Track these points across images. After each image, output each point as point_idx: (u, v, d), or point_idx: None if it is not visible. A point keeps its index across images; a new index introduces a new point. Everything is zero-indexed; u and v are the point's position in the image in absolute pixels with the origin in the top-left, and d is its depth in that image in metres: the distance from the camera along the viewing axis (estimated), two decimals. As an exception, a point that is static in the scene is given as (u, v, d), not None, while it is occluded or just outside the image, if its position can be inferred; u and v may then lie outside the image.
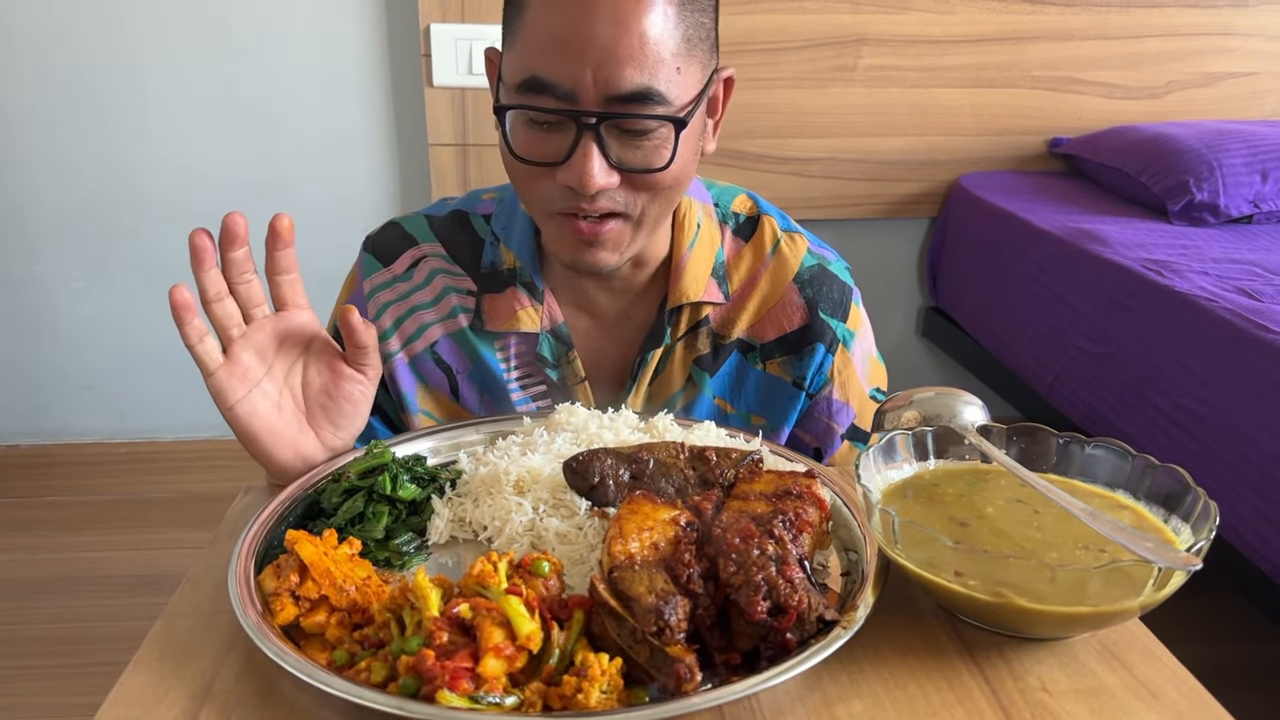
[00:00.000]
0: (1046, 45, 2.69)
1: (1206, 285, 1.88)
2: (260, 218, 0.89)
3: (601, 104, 0.89)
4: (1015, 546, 0.75)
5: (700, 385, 1.13)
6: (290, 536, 0.76)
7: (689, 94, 0.93)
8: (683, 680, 0.63)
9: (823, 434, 1.16)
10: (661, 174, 0.93)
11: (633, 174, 0.93)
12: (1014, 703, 0.67)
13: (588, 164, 0.89)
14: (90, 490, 2.67)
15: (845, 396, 1.15)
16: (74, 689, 1.94)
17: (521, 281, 1.10)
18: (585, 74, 0.87)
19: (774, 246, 1.13)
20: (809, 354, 1.12)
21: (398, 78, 2.52)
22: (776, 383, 1.14)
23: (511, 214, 1.12)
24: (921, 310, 2.98)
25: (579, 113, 0.89)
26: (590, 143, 0.89)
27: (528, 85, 0.90)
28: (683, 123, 0.92)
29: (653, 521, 0.76)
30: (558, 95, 0.89)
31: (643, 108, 0.89)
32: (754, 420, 1.15)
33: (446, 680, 0.62)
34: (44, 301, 2.67)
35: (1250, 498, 1.60)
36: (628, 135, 0.91)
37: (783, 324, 1.12)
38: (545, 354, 1.11)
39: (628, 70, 0.87)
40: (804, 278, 1.12)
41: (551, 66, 0.88)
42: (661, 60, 0.89)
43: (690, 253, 1.10)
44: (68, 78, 2.48)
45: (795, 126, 2.66)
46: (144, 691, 0.67)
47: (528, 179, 0.96)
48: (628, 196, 0.95)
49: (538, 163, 0.93)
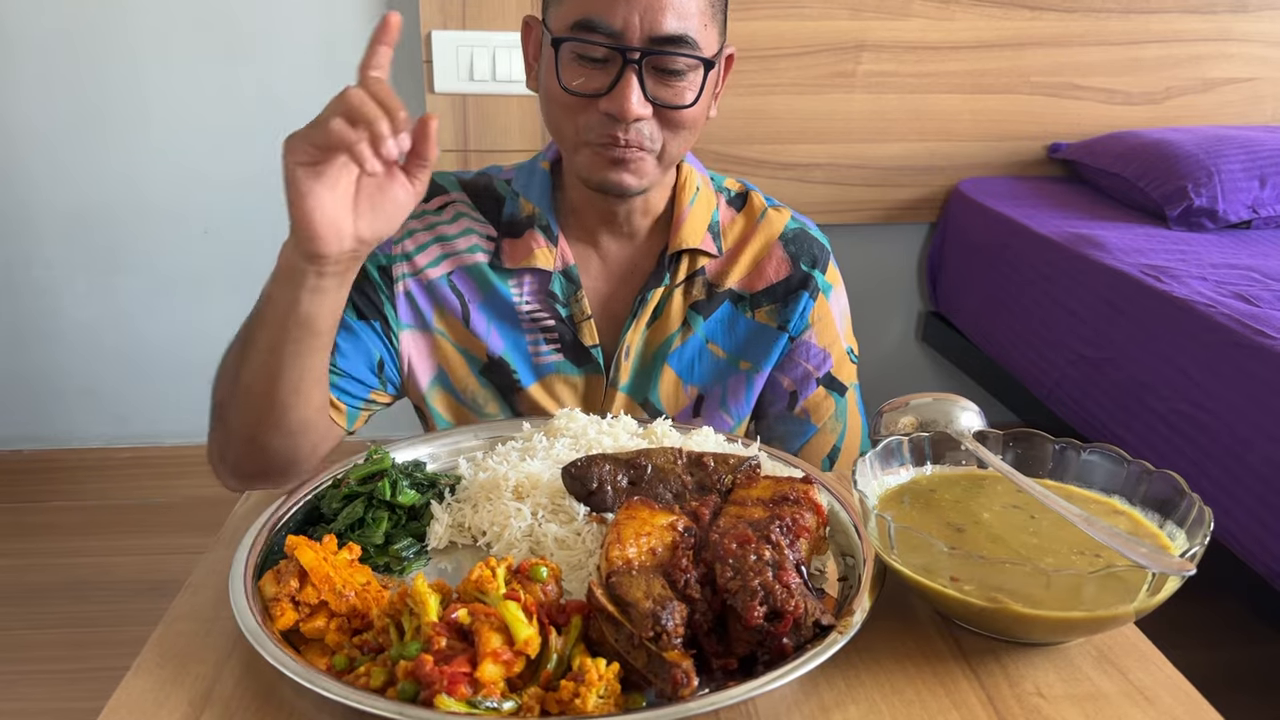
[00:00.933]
0: (1046, 51, 2.69)
1: (1205, 290, 1.88)
2: (261, 223, 0.90)
3: (645, 43, 1.03)
4: (1011, 552, 0.75)
5: (694, 327, 1.24)
6: (290, 542, 0.77)
7: (713, 47, 1.09)
8: (679, 685, 0.64)
9: (800, 378, 1.26)
10: (687, 111, 1.07)
11: (664, 109, 1.07)
12: (1009, 708, 0.68)
13: (629, 92, 1.03)
14: (93, 495, 2.67)
15: (823, 342, 1.26)
16: (77, 693, 1.95)
17: (539, 225, 1.21)
18: (633, 16, 1.02)
19: (762, 214, 1.27)
20: (793, 301, 1.24)
21: (399, 84, 2.49)
22: (764, 329, 1.25)
23: (530, 174, 1.24)
24: (921, 315, 2.98)
25: (625, 48, 1.03)
26: (632, 75, 1.03)
27: (581, 24, 1.04)
28: (711, 63, 1.07)
29: (650, 527, 0.76)
30: (606, 33, 1.03)
31: (679, 49, 1.04)
32: (741, 364, 1.25)
33: (445, 685, 0.63)
34: (45, 306, 2.68)
35: (1248, 503, 1.60)
36: (663, 74, 1.06)
37: (769, 275, 1.25)
38: (556, 291, 1.21)
39: (668, 15, 1.03)
40: (788, 236, 1.26)
41: (604, 9, 1.02)
42: (693, 13, 1.05)
43: (690, 208, 1.22)
44: (68, 81, 2.48)
45: (795, 132, 2.67)
46: (144, 697, 0.68)
47: (570, 110, 1.08)
48: (654, 130, 1.08)
49: (583, 94, 1.06)
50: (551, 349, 1.22)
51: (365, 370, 1.19)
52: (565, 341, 1.22)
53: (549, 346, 1.22)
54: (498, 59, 2.40)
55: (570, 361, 1.22)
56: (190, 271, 2.66)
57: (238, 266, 2.64)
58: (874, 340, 2.89)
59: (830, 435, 1.27)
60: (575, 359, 1.22)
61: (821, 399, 1.27)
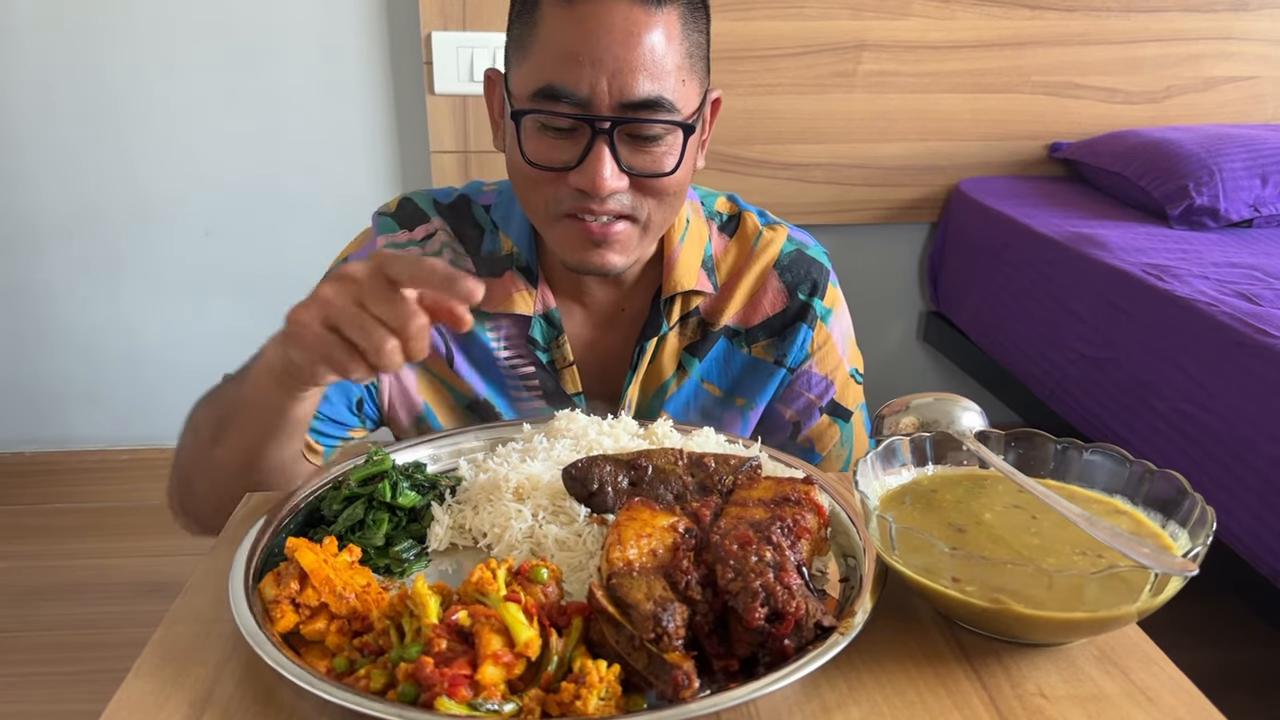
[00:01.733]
0: (1046, 50, 2.69)
1: (1206, 289, 1.88)
2: (263, 225, 0.90)
3: (615, 110, 0.95)
4: (1013, 552, 0.75)
5: (689, 371, 1.19)
6: (290, 544, 0.77)
7: (692, 105, 1.00)
8: (680, 687, 0.64)
9: (803, 409, 1.22)
10: (668, 179, 1.00)
11: (641, 178, 0.99)
12: (1012, 709, 0.68)
13: (600, 166, 0.95)
14: (93, 497, 2.67)
15: (825, 371, 1.21)
16: (77, 695, 1.94)
17: (518, 266, 1.14)
18: (601, 82, 0.93)
19: (756, 238, 1.19)
20: (791, 334, 1.18)
21: (399, 85, 2.53)
22: (760, 364, 1.20)
23: (510, 205, 1.16)
24: (922, 315, 2.98)
25: (594, 118, 0.94)
26: (603, 146, 0.95)
27: (544, 93, 0.95)
28: (691, 127, 0.99)
29: (651, 528, 0.76)
30: (573, 102, 0.94)
31: (653, 114, 0.96)
32: (736, 401, 1.20)
33: (445, 687, 0.63)
34: (47, 309, 2.68)
35: (1250, 502, 1.60)
36: (638, 141, 0.98)
37: (765, 309, 1.18)
38: (536, 337, 1.15)
39: (640, 78, 0.94)
40: (783, 263, 1.19)
41: (568, 75, 0.93)
42: (668, 71, 0.95)
43: (681, 246, 1.15)
44: (71, 85, 2.48)
45: (795, 132, 2.67)
46: (144, 698, 0.68)
47: (537, 184, 1.00)
48: (635, 200, 1.00)
49: (551, 167, 0.98)
50: (533, 395, 1.17)
51: (344, 411, 1.16)
52: (546, 388, 1.17)
53: (530, 394, 1.17)
54: (498, 60, 2.39)
55: (553, 408, 1.15)
56: (191, 274, 2.66)
57: (239, 269, 2.65)
58: (875, 341, 2.89)
59: (836, 463, 1.24)
60: (558, 405, 1.15)
61: (825, 427, 1.22)
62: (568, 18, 0.94)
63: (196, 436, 1.03)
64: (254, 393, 0.93)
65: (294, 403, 0.92)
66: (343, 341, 0.80)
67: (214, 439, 0.99)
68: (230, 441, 0.97)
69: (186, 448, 1.05)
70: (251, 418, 0.94)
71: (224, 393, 1.01)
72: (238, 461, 0.97)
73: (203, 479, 1.02)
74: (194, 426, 1.04)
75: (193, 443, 1.04)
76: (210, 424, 1.01)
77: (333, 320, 0.80)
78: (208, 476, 1.01)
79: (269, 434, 0.95)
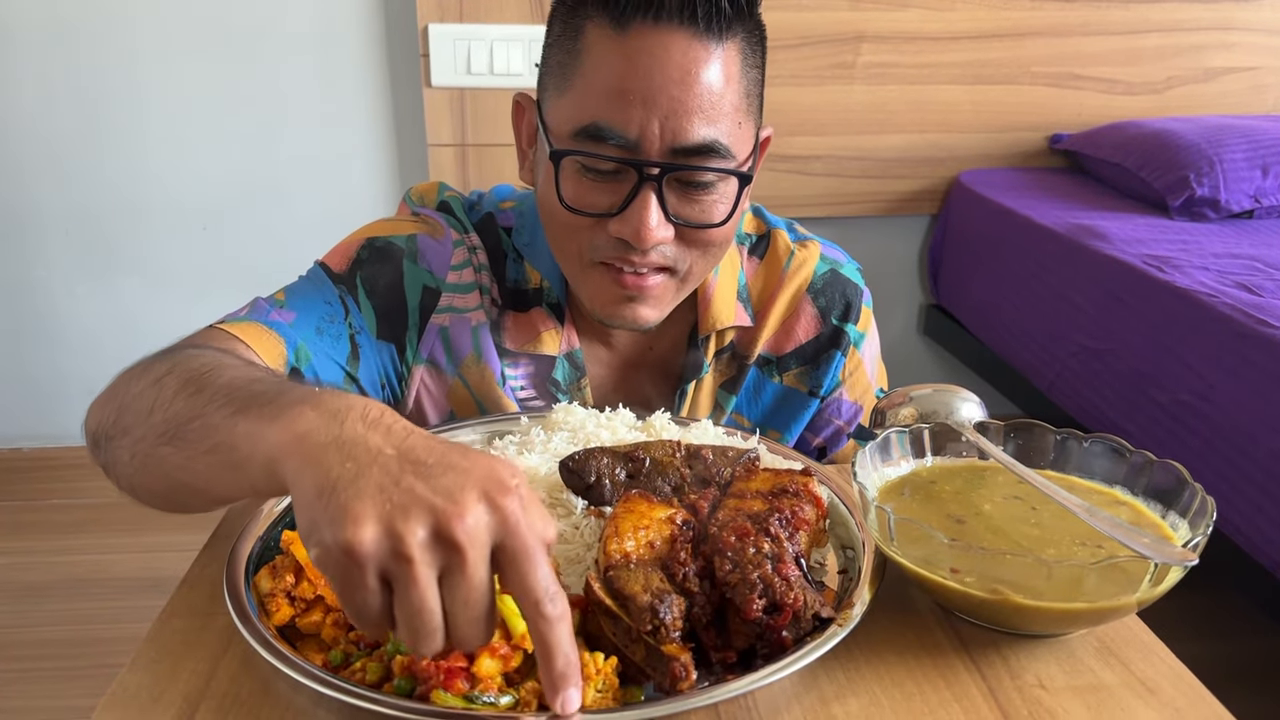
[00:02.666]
0: (1046, 41, 2.68)
1: (1207, 281, 1.88)
2: (261, 218, 0.89)
3: (666, 155, 0.87)
4: (1012, 543, 0.75)
5: (725, 408, 1.12)
6: (286, 537, 0.76)
7: (746, 149, 0.92)
8: (678, 679, 0.63)
9: (831, 436, 1.16)
10: (717, 230, 0.92)
11: (690, 229, 0.91)
12: (1011, 700, 0.67)
13: (646, 215, 0.87)
14: (91, 493, 2.66)
15: (855, 397, 1.15)
16: (75, 691, 1.94)
17: (547, 302, 1.06)
18: (652, 124, 0.85)
19: (789, 259, 1.11)
20: (825, 362, 1.12)
21: (396, 78, 2.52)
22: (793, 394, 1.13)
23: (534, 232, 1.07)
24: (922, 308, 2.98)
25: (643, 163, 0.86)
26: (650, 194, 0.87)
27: (587, 132, 0.87)
28: (748, 177, 0.91)
29: (649, 520, 0.76)
30: (620, 144, 0.87)
31: (707, 160, 0.88)
32: (770, 434, 1.09)
33: (441, 680, 0.62)
34: (45, 305, 2.68)
35: (1250, 493, 1.59)
36: (688, 188, 0.90)
37: (799, 336, 1.12)
38: (559, 378, 1.08)
39: (696, 122, 0.86)
40: (817, 286, 1.12)
41: (616, 115, 0.85)
42: (725, 114, 0.87)
43: (716, 279, 1.07)
44: (67, 81, 2.48)
45: (795, 124, 2.66)
46: (140, 692, 0.67)
47: (573, 229, 0.93)
48: (677, 251, 0.93)
49: (590, 213, 0.90)
50: None
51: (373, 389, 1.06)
52: None
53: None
54: (495, 52, 2.39)
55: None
56: (190, 269, 2.66)
57: (237, 263, 2.64)
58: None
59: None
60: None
61: (851, 450, 1.16)
62: (618, 50, 0.85)
63: (156, 402, 0.75)
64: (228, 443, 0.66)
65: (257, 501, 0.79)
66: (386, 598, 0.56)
67: (167, 435, 0.72)
68: (180, 457, 0.70)
69: (141, 396, 0.77)
70: (216, 458, 0.67)
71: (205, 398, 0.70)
72: (177, 481, 0.72)
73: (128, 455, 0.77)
74: (159, 384, 0.76)
75: (149, 401, 0.76)
76: (173, 415, 0.72)
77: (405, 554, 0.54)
78: (138, 457, 0.76)
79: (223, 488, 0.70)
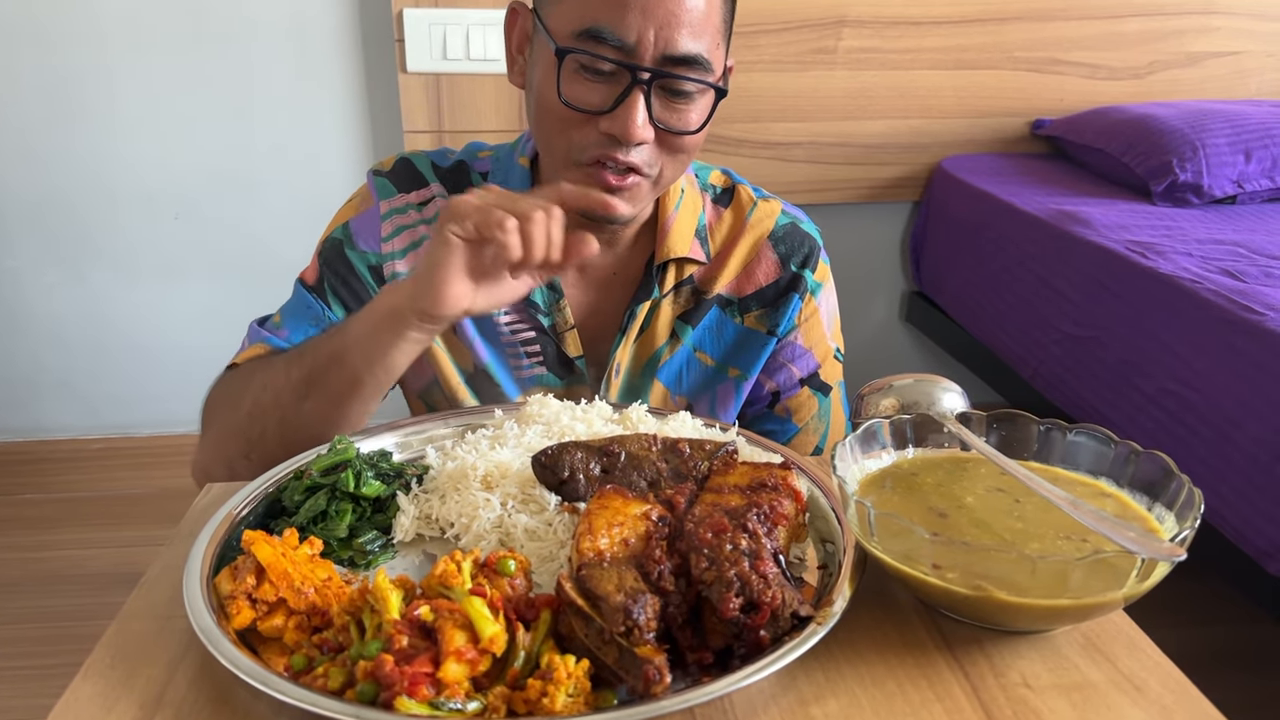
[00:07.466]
0: (1028, 26, 2.66)
1: (1191, 267, 1.86)
2: (233, 206, 0.87)
3: (658, 62, 0.96)
4: (995, 537, 0.73)
5: (682, 338, 1.20)
6: (247, 537, 0.73)
7: (721, 68, 1.03)
8: (652, 682, 0.61)
9: (784, 379, 1.23)
10: (690, 138, 1.01)
11: (667, 133, 1.00)
12: (995, 699, 0.66)
13: (634, 114, 0.96)
14: (65, 487, 2.63)
15: (808, 343, 1.23)
16: (48, 689, 1.88)
17: None
18: (648, 31, 0.94)
19: (751, 209, 1.21)
20: (783, 304, 1.20)
21: (370, 64, 2.48)
22: (753, 334, 1.21)
23: (508, 171, 1.17)
24: (904, 295, 2.96)
25: (637, 67, 0.95)
26: (639, 96, 0.96)
27: (589, 34, 0.95)
28: (723, 91, 1.01)
29: (623, 517, 0.74)
30: (616, 47, 0.95)
31: (691, 71, 0.97)
32: (730, 371, 1.21)
33: (405, 686, 0.60)
34: (15, 296, 2.63)
35: (1236, 482, 1.59)
36: (671, 96, 0.99)
37: (759, 279, 1.20)
38: (537, 301, 1.15)
39: (685, 33, 0.95)
40: (778, 235, 1.21)
41: (616, 20, 0.94)
42: (709, 32, 0.98)
43: (676, 213, 1.16)
44: (36, 68, 2.42)
45: (775, 110, 2.63)
46: (92, 702, 0.65)
47: (565, 125, 1.00)
48: (653, 154, 1.01)
49: (583, 109, 0.98)
50: (533, 362, 1.18)
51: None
52: (548, 354, 1.17)
53: (530, 360, 1.18)
54: (471, 37, 2.35)
55: (554, 374, 1.18)
56: (161, 258, 2.62)
57: (209, 252, 2.60)
58: (856, 321, 2.87)
59: (813, 435, 1.25)
60: (559, 371, 1.18)
61: (805, 399, 1.24)
62: None
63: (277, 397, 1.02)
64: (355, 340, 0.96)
65: (400, 345, 0.94)
66: (518, 237, 0.87)
67: (301, 394, 1.00)
68: (319, 395, 0.99)
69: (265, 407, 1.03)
70: (345, 370, 0.97)
71: (311, 349, 1.03)
72: (323, 415, 0.99)
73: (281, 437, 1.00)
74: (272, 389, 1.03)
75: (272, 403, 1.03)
76: (296, 381, 1.01)
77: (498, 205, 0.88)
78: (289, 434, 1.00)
79: (365, 382, 0.97)
